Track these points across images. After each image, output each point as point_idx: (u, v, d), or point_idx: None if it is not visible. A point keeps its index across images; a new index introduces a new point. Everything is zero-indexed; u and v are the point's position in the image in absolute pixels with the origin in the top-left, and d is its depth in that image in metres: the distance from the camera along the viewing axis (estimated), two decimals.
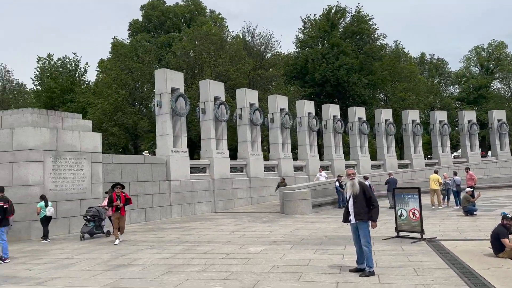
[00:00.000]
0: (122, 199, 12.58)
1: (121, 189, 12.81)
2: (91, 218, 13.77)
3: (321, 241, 11.42)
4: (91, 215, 13.82)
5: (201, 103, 23.77)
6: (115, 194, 12.58)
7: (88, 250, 11.39)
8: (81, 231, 13.69)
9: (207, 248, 10.92)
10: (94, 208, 14.09)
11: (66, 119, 15.90)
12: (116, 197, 12.54)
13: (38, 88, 42.06)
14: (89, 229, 13.70)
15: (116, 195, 12.56)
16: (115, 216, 12.57)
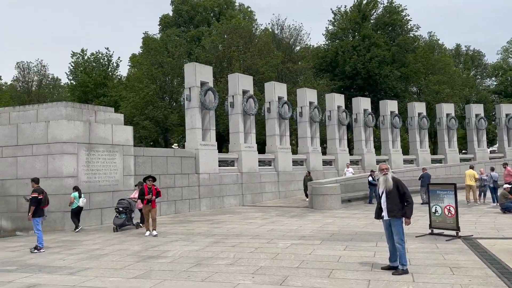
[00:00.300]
0: (153, 191, 12.56)
1: (153, 181, 12.78)
2: (123, 210, 13.84)
3: (351, 237, 11.19)
4: (123, 207, 13.90)
5: (229, 96, 23.78)
6: (146, 186, 12.54)
7: (119, 241, 11.60)
8: (114, 223, 13.80)
9: (235, 241, 10.90)
10: (126, 200, 14.21)
11: (98, 112, 16.23)
12: (147, 190, 12.51)
13: (72, 82, 43.26)
14: (122, 221, 13.78)
15: (148, 188, 12.53)
16: (146, 209, 12.57)
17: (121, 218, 13.81)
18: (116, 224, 13.70)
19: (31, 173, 14.72)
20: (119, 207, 13.91)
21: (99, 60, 43.75)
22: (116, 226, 13.64)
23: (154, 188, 12.62)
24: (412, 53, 45.03)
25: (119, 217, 13.82)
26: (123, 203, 14.03)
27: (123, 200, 14.18)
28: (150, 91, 37.81)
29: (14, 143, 15.19)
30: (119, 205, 14.03)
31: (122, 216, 13.83)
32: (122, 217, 13.83)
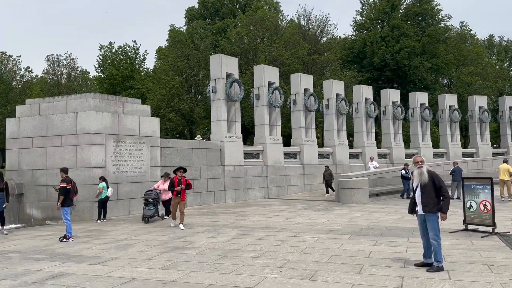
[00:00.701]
0: (183, 183, 11.99)
1: (183, 173, 12.25)
2: (153, 201, 13.60)
3: (381, 232, 10.85)
4: (153, 198, 13.65)
5: (255, 88, 23.58)
6: (176, 178, 12.01)
7: (146, 231, 11.65)
8: (145, 214, 13.49)
9: (261, 234, 10.75)
10: (154, 191, 13.96)
11: (126, 104, 16.34)
12: (177, 181, 11.97)
13: (100, 75, 44.02)
14: (152, 212, 13.52)
15: (178, 179, 12.00)
16: (175, 201, 12.05)
17: (150, 209, 13.56)
18: (147, 215, 13.45)
19: (60, 163, 14.97)
20: (149, 198, 13.64)
21: (126, 53, 44.32)
22: (147, 218, 13.42)
23: (184, 180, 12.03)
24: (443, 44, 43.55)
25: (149, 208, 13.56)
26: (152, 194, 13.78)
27: (151, 191, 13.92)
28: (176, 83, 38.04)
29: (44, 134, 15.48)
30: (148, 196, 13.73)
31: (151, 208, 13.58)
32: (152, 208, 13.58)
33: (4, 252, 9.20)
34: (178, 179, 12.01)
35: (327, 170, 22.49)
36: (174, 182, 11.97)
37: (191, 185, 12.25)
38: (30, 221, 15.41)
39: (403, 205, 17.73)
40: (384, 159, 30.41)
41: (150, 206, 13.57)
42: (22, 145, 15.91)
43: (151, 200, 13.60)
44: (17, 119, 16.17)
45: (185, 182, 12.00)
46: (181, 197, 11.90)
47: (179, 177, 12.05)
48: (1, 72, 45.41)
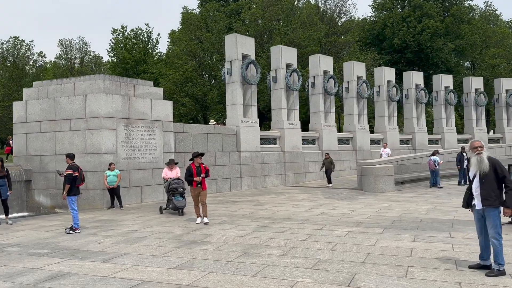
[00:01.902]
0: (202, 170, 10.31)
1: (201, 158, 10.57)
2: (184, 191, 11.97)
3: (417, 225, 9.80)
4: (183, 187, 11.95)
5: (272, 70, 22.44)
6: (194, 165, 10.28)
7: (159, 222, 10.81)
8: (177, 205, 11.72)
9: (284, 226, 9.81)
10: (180, 179, 12.24)
11: (137, 86, 15.42)
12: (196, 170, 10.21)
13: (113, 59, 43.22)
14: (184, 202, 11.87)
15: (196, 167, 10.26)
16: (196, 192, 10.30)
17: (180, 199, 11.85)
18: (180, 207, 11.74)
19: (69, 148, 14.21)
20: (179, 188, 11.93)
21: (138, 37, 43.34)
22: (180, 209, 11.78)
23: (202, 167, 10.34)
24: (467, 25, 41.52)
25: (179, 199, 11.85)
26: (180, 183, 12.08)
27: (177, 180, 12.19)
28: (189, 67, 37.05)
29: (52, 118, 14.70)
30: (178, 185, 12.01)
31: (179, 198, 11.87)
32: (182, 199, 11.91)
33: (5, 245, 8.44)
34: (196, 167, 10.29)
35: (327, 157, 20.11)
36: (193, 171, 10.23)
37: (208, 172, 10.58)
38: (39, 209, 14.77)
39: (431, 193, 16.63)
40: (406, 145, 29.13)
41: (178, 196, 11.90)
42: (29, 130, 15.17)
43: (181, 189, 11.95)
44: (24, 102, 15.41)
45: (204, 169, 10.36)
46: (203, 186, 10.33)
47: (197, 164, 10.34)
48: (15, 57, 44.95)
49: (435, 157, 18.80)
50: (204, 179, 10.37)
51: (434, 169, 18.73)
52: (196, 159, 10.40)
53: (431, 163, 18.73)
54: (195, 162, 10.39)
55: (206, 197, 10.55)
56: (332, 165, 19.96)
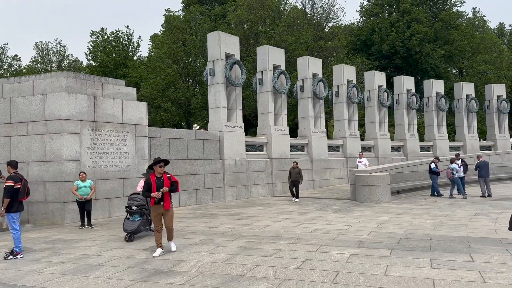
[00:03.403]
0: (165, 182, 7.85)
1: (164, 167, 8.09)
2: (138, 210, 9.64)
3: (428, 244, 8.32)
4: (138, 204, 9.68)
5: (258, 72, 20.96)
6: (154, 176, 7.89)
7: (123, 243, 9.09)
8: (125, 228, 9.39)
9: (272, 247, 8.22)
10: (140, 195, 9.85)
11: (106, 85, 13.72)
12: (155, 182, 7.83)
13: (91, 63, 41.31)
14: (136, 225, 9.42)
15: (156, 178, 7.88)
16: (156, 212, 7.89)
17: (134, 220, 9.50)
18: (128, 230, 9.33)
19: (27, 155, 12.45)
20: (132, 205, 9.68)
21: (119, 39, 41.54)
22: (128, 234, 9.32)
23: (166, 178, 7.90)
24: (456, 30, 40.89)
25: (132, 220, 9.51)
26: (137, 198, 9.80)
27: (136, 196, 9.92)
28: (171, 71, 35.43)
29: (7, 121, 12.88)
30: (131, 201, 9.77)
31: (136, 218, 9.53)
32: (136, 220, 9.51)
33: None
34: (157, 178, 7.90)
35: (295, 167, 17.09)
36: (151, 183, 7.80)
37: (177, 185, 8.10)
38: None
39: (431, 204, 15.26)
40: (397, 152, 27.90)
41: (136, 216, 9.55)
42: None
43: (135, 208, 9.61)
44: None
45: (169, 181, 7.91)
46: (165, 205, 7.83)
47: (159, 174, 7.94)
48: None
49: (453, 165, 17.44)
50: (168, 195, 7.88)
51: (452, 178, 17.31)
52: (156, 167, 7.94)
53: (449, 172, 17.32)
54: (156, 172, 7.95)
55: (173, 219, 8.06)
56: (300, 176, 16.98)
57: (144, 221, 9.76)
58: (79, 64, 51.22)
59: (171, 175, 8.04)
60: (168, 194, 7.89)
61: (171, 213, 7.98)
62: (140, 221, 9.53)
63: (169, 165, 15.45)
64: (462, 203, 15.61)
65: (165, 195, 7.84)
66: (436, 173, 17.71)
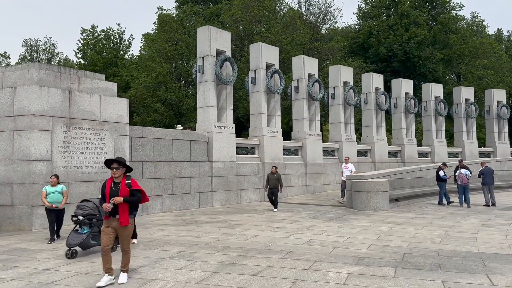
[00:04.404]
0: (121, 190, 6.07)
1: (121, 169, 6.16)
2: (87, 220, 8.06)
3: (437, 261, 7.28)
4: (86, 214, 8.06)
5: (251, 71, 19.92)
6: (111, 180, 6.21)
7: (88, 257, 7.95)
8: (68, 242, 7.76)
9: (258, 263, 7.15)
10: (91, 201, 8.41)
11: (83, 79, 12.61)
12: (110, 188, 6.13)
13: (80, 61, 40.13)
14: (82, 238, 7.84)
15: (113, 183, 6.17)
16: (108, 227, 6.11)
17: (81, 233, 7.96)
18: (71, 244, 7.70)
19: None
20: (79, 214, 8.06)
21: (110, 38, 40.40)
22: (70, 249, 7.69)
23: (124, 184, 6.12)
24: (454, 34, 40.19)
25: (79, 232, 8.00)
26: (85, 207, 8.21)
27: (85, 203, 8.34)
28: (163, 70, 34.32)
29: None
30: (79, 210, 8.16)
31: (84, 230, 8.00)
32: (83, 232, 7.98)
33: None
34: (114, 183, 6.17)
35: (275, 172, 14.96)
36: (105, 190, 6.14)
37: (143, 194, 6.32)
38: None
39: (433, 213, 14.27)
40: (394, 158, 26.96)
41: (84, 228, 8.04)
42: None
43: (82, 218, 8.01)
44: None
45: (126, 188, 6.10)
46: (120, 219, 6.06)
47: (116, 178, 6.18)
48: None
49: (465, 170, 16.46)
50: (125, 207, 6.07)
51: (467, 184, 16.29)
52: (111, 170, 6.15)
53: (464, 177, 16.27)
54: (114, 175, 6.16)
55: (129, 239, 6.25)
56: (280, 183, 14.83)
57: (95, 234, 8.09)
58: (69, 62, 50.01)
59: (132, 180, 6.24)
60: (125, 206, 6.06)
61: (128, 231, 6.15)
62: (88, 234, 7.94)
63: (152, 167, 14.39)
64: (465, 212, 14.63)
65: (121, 207, 6.03)
66: (444, 180, 16.71)
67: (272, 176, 14.88)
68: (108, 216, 6.10)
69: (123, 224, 6.06)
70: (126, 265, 6.23)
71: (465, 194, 16.30)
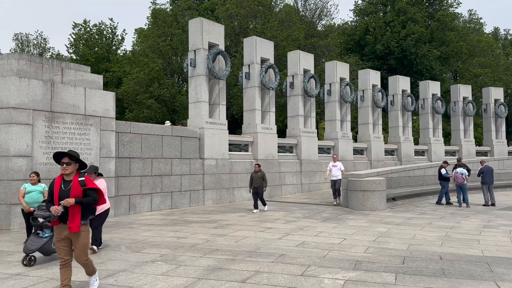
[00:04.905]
0: (73, 190, 5.04)
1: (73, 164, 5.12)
2: (48, 223, 6.87)
3: (440, 266, 6.76)
4: (48, 215, 6.71)
5: (245, 66, 19.35)
6: (60, 179, 5.16)
7: (55, 262, 7.35)
8: (26, 247, 6.86)
9: (248, 268, 6.60)
10: None
11: (67, 70, 11.98)
12: (60, 187, 5.10)
13: (72, 56, 39.34)
14: (41, 243, 6.97)
15: (63, 182, 5.13)
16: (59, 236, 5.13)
17: (42, 237, 7.04)
18: (28, 249, 6.81)
19: None
20: (39, 216, 6.98)
21: (102, 32, 39.62)
22: (28, 255, 6.84)
23: (76, 183, 5.08)
24: (452, 32, 39.76)
25: (40, 236, 7.05)
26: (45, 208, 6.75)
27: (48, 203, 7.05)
28: (156, 66, 33.66)
29: None
30: (39, 211, 7.01)
31: (46, 234, 7.07)
32: (44, 236, 7.06)
33: None
34: (64, 182, 5.12)
35: (258, 170, 13.88)
36: (53, 190, 5.12)
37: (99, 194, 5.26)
38: None
39: (431, 213, 13.79)
40: (391, 156, 26.49)
41: (45, 232, 7.09)
42: None
43: (42, 221, 6.99)
44: None
45: (79, 187, 5.07)
46: (70, 225, 5.03)
47: (67, 176, 5.13)
48: None
49: (461, 169, 15.97)
50: (77, 210, 5.02)
51: (463, 184, 15.80)
52: (61, 165, 5.09)
53: (459, 177, 15.80)
54: (64, 171, 5.10)
55: (85, 250, 5.18)
56: (265, 182, 13.78)
57: None
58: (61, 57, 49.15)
59: (86, 178, 5.15)
60: (77, 210, 5.00)
61: (83, 240, 5.09)
62: (50, 238, 7.01)
63: (141, 164, 13.77)
64: (465, 212, 14.16)
65: (72, 210, 4.98)
66: (447, 179, 16.21)
67: (255, 175, 13.81)
68: (57, 221, 5.01)
69: (73, 230, 4.98)
70: (91, 272, 5.36)
71: (463, 193, 15.83)
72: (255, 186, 13.78)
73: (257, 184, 13.75)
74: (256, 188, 13.77)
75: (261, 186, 13.78)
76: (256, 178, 13.78)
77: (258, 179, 13.75)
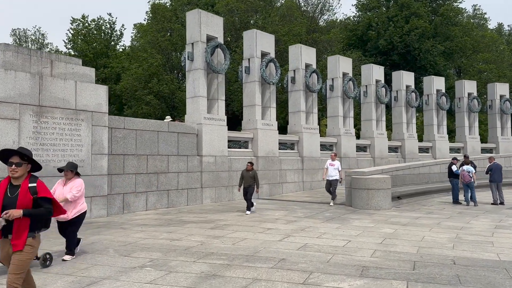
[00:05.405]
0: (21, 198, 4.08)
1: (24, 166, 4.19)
2: None
3: (454, 272, 6.18)
4: None
5: (244, 60, 18.75)
6: (6, 182, 4.19)
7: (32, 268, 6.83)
8: None
9: (244, 275, 6.03)
10: None
11: (57, 63, 11.40)
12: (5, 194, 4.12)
13: (70, 52, 38.78)
14: None
15: (10, 187, 4.16)
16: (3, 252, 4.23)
17: None
18: None
19: None
20: None
21: (100, 28, 39.03)
22: None
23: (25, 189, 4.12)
24: (456, 27, 39.06)
25: None
26: None
27: None
28: (155, 61, 33.07)
29: None
30: None
31: None
32: None
33: None
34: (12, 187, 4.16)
35: (250, 169, 12.97)
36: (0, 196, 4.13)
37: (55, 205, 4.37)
38: None
39: (438, 212, 13.22)
40: (395, 153, 25.89)
41: None
42: None
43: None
44: None
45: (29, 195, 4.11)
46: (12, 241, 4.09)
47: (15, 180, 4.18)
48: None
49: (468, 167, 15.37)
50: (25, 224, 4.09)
51: (470, 182, 15.20)
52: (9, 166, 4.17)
53: (466, 175, 15.20)
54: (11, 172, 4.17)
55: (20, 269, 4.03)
56: (256, 181, 12.89)
57: None
58: (60, 53, 48.62)
59: (39, 183, 4.19)
60: (24, 223, 4.08)
61: (23, 256, 4.06)
62: None
63: (135, 161, 13.21)
64: (473, 211, 13.58)
65: (17, 224, 4.05)
66: (457, 176, 15.63)
67: (246, 174, 12.87)
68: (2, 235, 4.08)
69: (17, 248, 4.03)
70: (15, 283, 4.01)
71: (471, 192, 15.25)
72: (245, 186, 12.86)
73: (247, 183, 12.84)
74: (246, 187, 12.85)
75: (252, 186, 12.87)
76: (247, 177, 12.88)
77: (249, 178, 12.86)
